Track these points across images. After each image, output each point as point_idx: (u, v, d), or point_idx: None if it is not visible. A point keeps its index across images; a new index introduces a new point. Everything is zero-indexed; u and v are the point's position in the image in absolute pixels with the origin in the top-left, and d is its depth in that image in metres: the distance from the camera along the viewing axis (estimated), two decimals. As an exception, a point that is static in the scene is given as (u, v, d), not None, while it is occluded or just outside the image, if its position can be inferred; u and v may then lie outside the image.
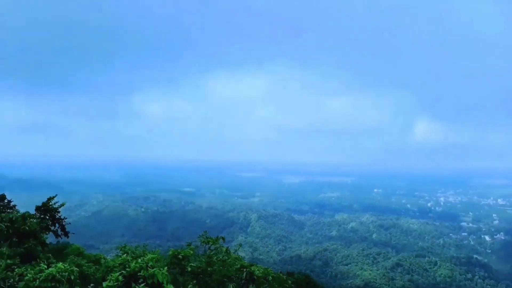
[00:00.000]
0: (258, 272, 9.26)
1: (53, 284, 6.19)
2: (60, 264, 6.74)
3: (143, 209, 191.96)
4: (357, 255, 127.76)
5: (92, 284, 6.86)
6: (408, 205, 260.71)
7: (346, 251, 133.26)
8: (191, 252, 9.58)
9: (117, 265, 6.91)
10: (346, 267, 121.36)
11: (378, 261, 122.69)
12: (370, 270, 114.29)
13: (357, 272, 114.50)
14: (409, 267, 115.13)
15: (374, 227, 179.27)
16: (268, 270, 9.87)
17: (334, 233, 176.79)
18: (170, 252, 8.71)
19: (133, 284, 6.00)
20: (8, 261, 8.61)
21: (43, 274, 6.32)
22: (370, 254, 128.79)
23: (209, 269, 9.20)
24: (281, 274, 11.35)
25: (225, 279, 8.77)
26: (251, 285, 9.13)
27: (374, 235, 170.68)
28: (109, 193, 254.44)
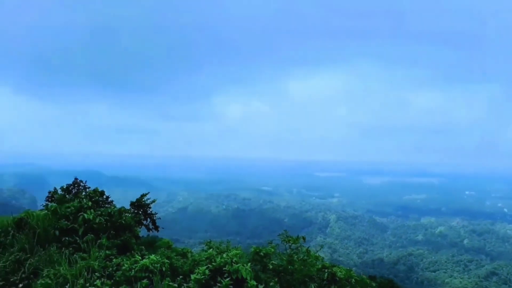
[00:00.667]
0: (340, 273, 9.04)
1: (146, 274, 6.68)
2: (152, 256, 7.25)
3: (224, 207, 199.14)
4: (446, 262, 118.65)
5: (181, 276, 7.24)
6: (505, 209, 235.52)
7: (433, 257, 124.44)
8: (273, 250, 9.63)
9: (204, 259, 7.25)
10: (434, 273, 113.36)
11: (470, 269, 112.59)
12: (461, 278, 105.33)
13: (446, 280, 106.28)
14: (506, 277, 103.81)
15: (466, 232, 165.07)
16: (351, 272, 9.58)
17: (420, 237, 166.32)
18: (252, 249, 8.84)
19: (219, 278, 6.22)
20: (107, 251, 9.46)
21: (138, 265, 6.85)
22: (461, 261, 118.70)
23: (290, 267, 9.18)
24: (364, 277, 10.94)
25: (307, 279, 8.70)
26: (333, 286, 8.94)
27: (465, 241, 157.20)
28: (193, 190, 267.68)
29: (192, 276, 6.55)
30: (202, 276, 6.30)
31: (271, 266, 8.78)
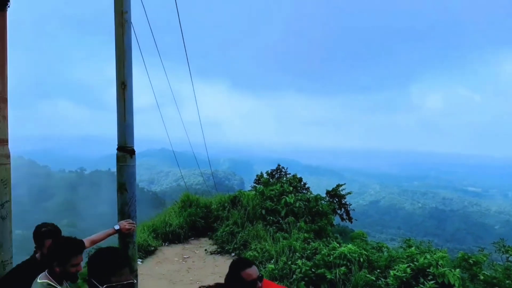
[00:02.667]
0: None
1: (344, 262, 6.79)
2: (350, 245, 7.32)
3: (420, 204, 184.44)
4: None
5: (378, 270, 7.08)
6: None
7: None
8: (484, 259, 8.40)
9: (404, 257, 6.89)
10: None
11: None
12: None
13: None
14: None
15: None
16: None
17: None
18: (460, 255, 7.90)
19: (421, 279, 5.81)
20: (305, 234, 10.03)
21: (336, 252, 7.02)
22: None
23: (507, 282, 7.82)
24: None
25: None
26: None
27: None
28: (386, 185, 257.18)
29: (392, 272, 6.31)
30: (403, 274, 6.00)
31: (482, 277, 7.68)
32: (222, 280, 2.62)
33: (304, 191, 14.76)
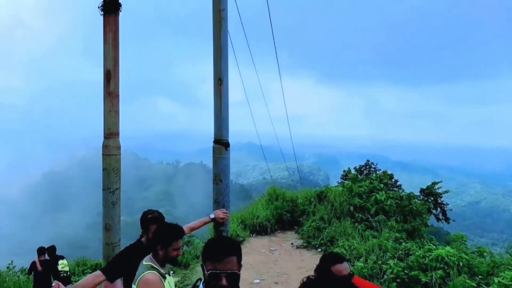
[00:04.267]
0: None
1: (441, 265, 6.35)
2: (448, 248, 6.82)
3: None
4: None
5: (480, 276, 6.52)
6: None
7: None
8: None
9: (511, 263, 6.24)
10: None
11: None
12: None
13: None
14: None
15: None
16: None
17: None
18: None
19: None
20: (397, 234, 9.58)
21: (433, 254, 6.60)
22: None
23: None
24: None
25: None
26: None
27: None
28: (488, 184, 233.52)
29: (496, 279, 5.75)
30: (510, 282, 5.43)
31: None
32: (307, 274, 2.63)
33: (395, 189, 14.11)
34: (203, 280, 2.05)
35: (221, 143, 4.41)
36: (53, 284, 2.82)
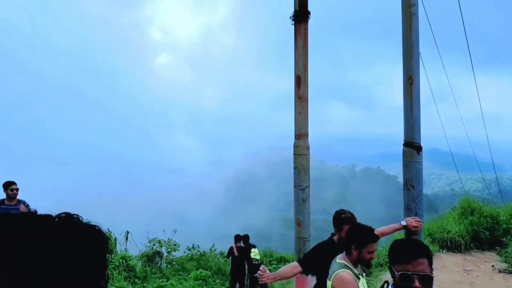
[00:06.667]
0: None
1: None
2: None
3: None
4: None
5: None
6: None
7: None
8: None
9: None
10: None
11: None
12: None
13: None
14: None
15: None
16: None
17: None
18: None
19: None
20: None
21: None
22: None
23: None
24: None
25: None
26: None
27: None
28: None
29: None
30: None
31: None
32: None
33: None
34: (391, 282, 2.03)
35: (412, 146, 4.14)
36: (260, 268, 3.16)
